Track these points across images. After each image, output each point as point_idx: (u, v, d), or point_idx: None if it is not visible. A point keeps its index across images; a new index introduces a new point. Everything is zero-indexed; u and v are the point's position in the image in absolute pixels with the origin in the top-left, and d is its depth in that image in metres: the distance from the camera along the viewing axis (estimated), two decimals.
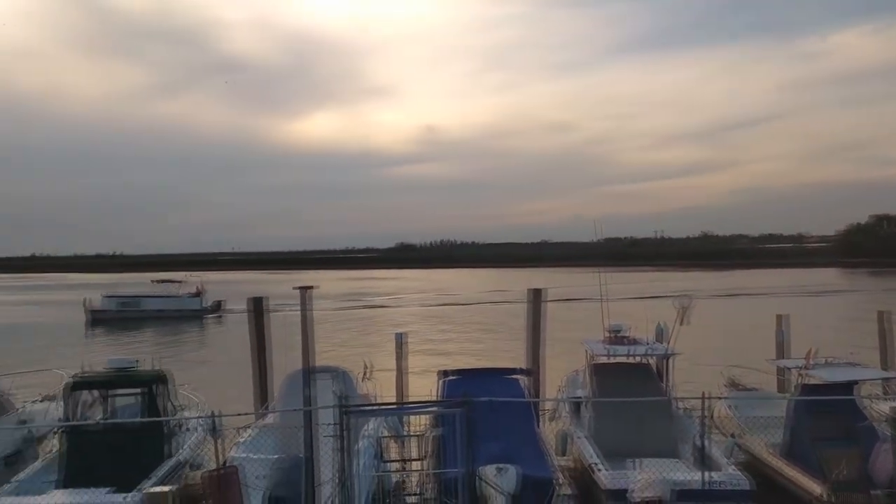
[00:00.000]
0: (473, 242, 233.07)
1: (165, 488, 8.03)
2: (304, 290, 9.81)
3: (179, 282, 58.48)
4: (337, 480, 9.43)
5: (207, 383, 16.85)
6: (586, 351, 14.77)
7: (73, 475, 11.46)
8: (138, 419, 12.09)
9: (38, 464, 12.27)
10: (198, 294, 57.81)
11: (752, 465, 12.44)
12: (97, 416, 12.83)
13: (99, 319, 51.69)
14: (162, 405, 12.74)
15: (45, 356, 27.24)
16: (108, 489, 10.68)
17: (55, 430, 12.95)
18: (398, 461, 13.02)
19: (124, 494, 10.40)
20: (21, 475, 11.67)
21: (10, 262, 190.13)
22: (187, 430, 13.30)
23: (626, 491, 10.18)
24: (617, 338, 14.66)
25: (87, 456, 11.59)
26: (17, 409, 14.26)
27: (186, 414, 14.01)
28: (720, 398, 14.36)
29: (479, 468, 9.82)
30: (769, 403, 14.28)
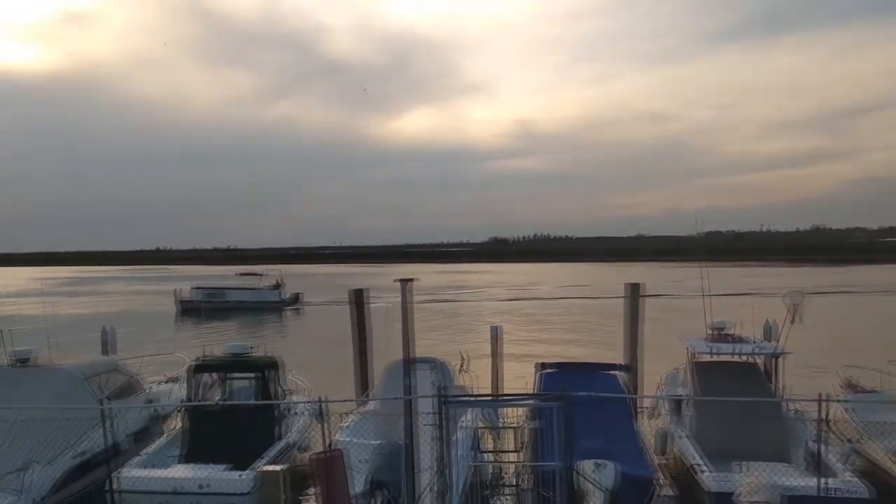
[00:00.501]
0: (567, 236, 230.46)
1: (277, 467, 8.50)
2: (405, 282, 10.08)
3: (260, 274, 61.27)
4: (436, 468, 9.67)
5: (301, 370, 17.50)
6: (687, 348, 14.41)
7: (194, 451, 12.34)
8: (253, 402, 12.83)
9: (163, 439, 13.23)
10: (277, 286, 60.54)
11: (872, 473, 11.75)
12: (216, 397, 13.73)
13: (187, 309, 54.87)
14: (273, 389, 13.47)
15: (146, 341, 28.87)
16: (225, 466, 11.44)
17: (179, 409, 13.96)
18: (494, 452, 13.18)
19: (240, 472, 11.11)
20: (149, 449, 12.64)
21: (137, 255, 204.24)
22: (295, 413, 13.99)
23: (731, 494, 9.85)
24: (721, 335, 14.23)
25: (207, 434, 12.43)
26: (145, 390, 15.36)
27: (295, 398, 14.71)
28: (839, 400, 13.58)
29: (577, 463, 9.81)
30: (893, 407, 13.42)
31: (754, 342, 13.92)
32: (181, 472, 11.36)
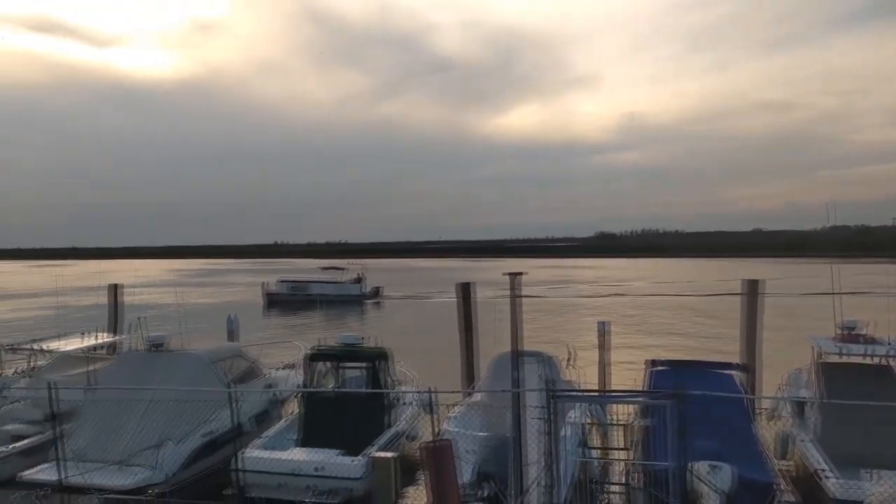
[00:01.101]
0: (677, 231, 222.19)
1: (389, 454, 8.74)
2: (514, 276, 10.07)
3: (343, 268, 63.27)
4: (543, 462, 9.64)
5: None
6: (813, 348, 13.62)
7: (309, 435, 12.91)
8: (365, 390, 13.27)
9: (281, 423, 13.92)
10: (358, 280, 62.17)
11: None
12: (330, 384, 14.30)
13: (273, 301, 57.56)
14: (383, 379, 13.87)
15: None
16: (338, 451, 11.90)
17: (296, 394, 14.64)
18: (602, 448, 12.96)
19: (352, 458, 11.55)
20: (269, 432, 13.34)
21: (258, 249, 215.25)
22: (404, 403, 14.34)
23: (859, 503, 9.31)
24: (851, 335, 13.34)
25: (322, 420, 12.97)
26: (265, 375, 16.20)
27: (404, 388, 15.07)
28: None
29: (692, 464, 9.50)
30: None
31: (890, 344, 12.97)
32: (298, 455, 11.94)
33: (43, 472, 11.36)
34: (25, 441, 13.38)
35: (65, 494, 9.08)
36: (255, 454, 11.69)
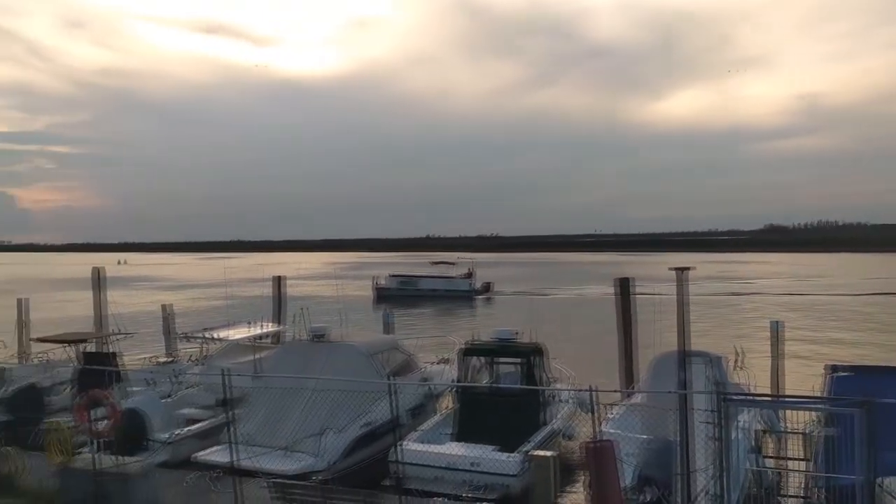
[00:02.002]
0: (859, 223, 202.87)
1: (548, 453, 8.39)
2: (681, 271, 9.37)
3: (453, 263, 63.43)
4: (711, 470, 8.91)
5: None
6: None
7: (464, 430, 12.81)
8: (521, 386, 12.95)
9: (437, 417, 13.94)
10: (469, 275, 61.80)
11: None
12: (484, 379, 14.14)
13: (382, 296, 57.94)
14: (538, 376, 13.48)
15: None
16: (493, 447, 11.70)
17: (451, 389, 14.62)
18: (777, 458, 11.91)
19: (508, 454, 11.29)
20: (424, 426, 13.39)
21: (408, 242, 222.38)
22: (560, 401, 13.88)
23: None
24: None
25: (476, 415, 12.83)
26: (421, 369, 16.35)
27: (558, 386, 14.60)
28: None
29: (881, 478, 8.50)
30: None
31: None
32: (454, 450, 11.86)
33: (215, 455, 12.05)
34: (199, 424, 14.29)
35: (236, 477, 9.52)
36: (412, 447, 11.73)
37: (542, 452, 8.68)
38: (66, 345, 16.90)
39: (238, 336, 17.45)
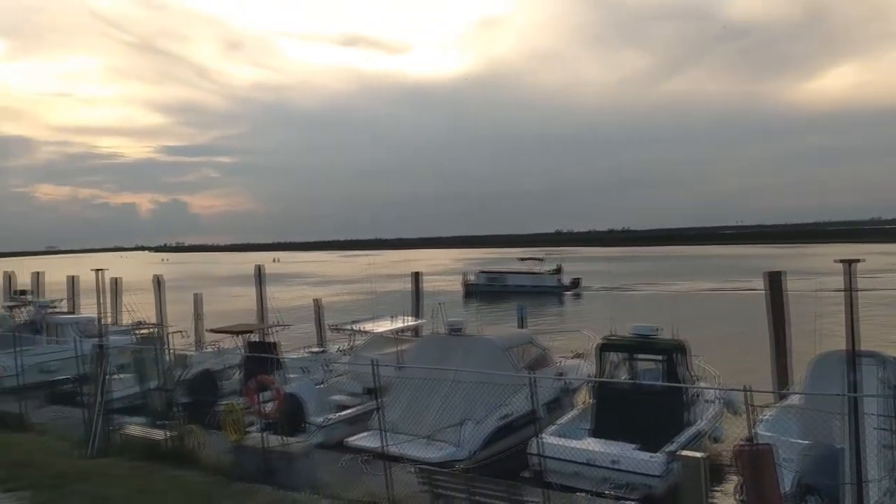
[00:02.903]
0: None
1: (698, 454, 8.12)
2: (849, 263, 8.79)
3: (541, 259, 63.13)
4: (886, 481, 8.35)
5: None
6: None
7: (602, 427, 12.71)
8: (664, 384, 12.67)
9: (574, 412, 13.93)
10: (557, 271, 61.16)
11: None
12: (622, 376, 13.95)
13: (471, 292, 59.76)
14: (681, 374, 13.12)
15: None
16: (634, 445, 11.55)
17: (588, 384, 14.57)
18: None
19: (651, 454, 11.11)
20: (561, 420, 13.42)
21: (538, 238, 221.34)
22: (705, 401, 13.44)
23: None
24: None
25: (615, 412, 12.68)
26: (556, 363, 16.40)
27: (702, 384, 14.13)
28: None
29: None
30: None
31: None
32: (594, 446, 11.83)
33: (365, 440, 12.77)
34: (349, 410, 15.17)
35: (385, 462, 10.06)
36: (551, 441, 11.81)
37: (691, 453, 8.41)
38: (234, 335, 18.52)
39: (381, 329, 18.32)
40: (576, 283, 61.19)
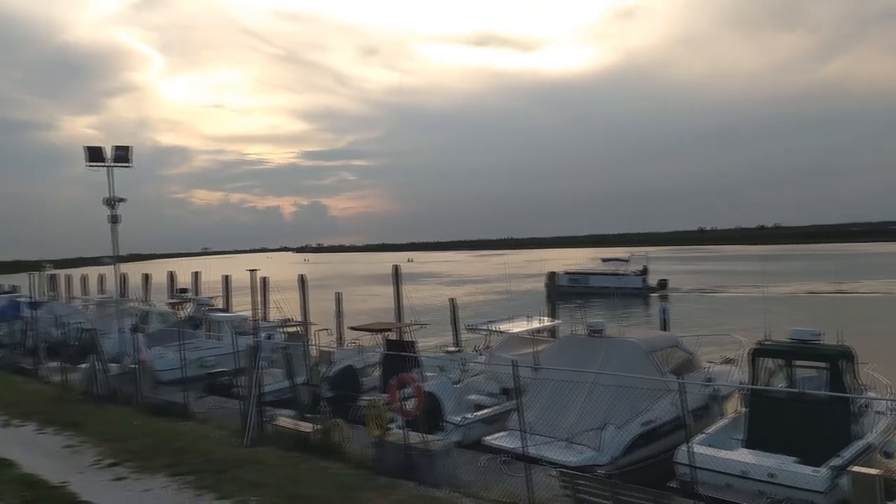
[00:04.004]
0: None
1: (873, 471, 7.39)
2: None
3: (626, 259, 61.65)
4: None
5: None
6: None
7: (756, 437, 11.87)
8: (827, 393, 11.67)
9: (724, 421, 13.11)
10: (643, 273, 59.57)
11: None
12: (779, 383, 12.97)
13: (551, 293, 55.48)
14: (847, 383, 12.02)
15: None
16: (794, 458, 10.71)
17: (740, 391, 13.70)
18: None
19: (813, 468, 10.25)
20: (710, 429, 12.66)
21: (679, 236, 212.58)
22: (876, 412, 12.25)
23: None
24: None
25: (771, 421, 11.82)
26: (704, 368, 15.57)
27: (871, 395, 12.90)
28: None
29: None
30: None
31: None
32: (748, 457, 11.10)
33: (503, 440, 12.71)
34: (486, 410, 15.18)
35: (524, 463, 9.95)
36: (700, 450, 11.19)
37: (865, 469, 7.64)
38: (373, 333, 19.16)
39: (517, 329, 18.20)
40: (663, 285, 59.73)
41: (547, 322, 20.44)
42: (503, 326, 18.40)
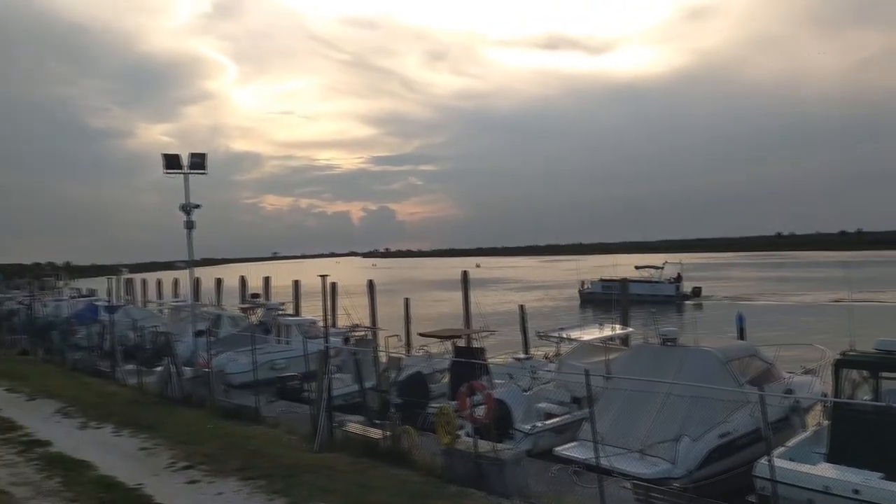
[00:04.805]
0: None
1: None
2: None
3: (660, 267, 61.52)
4: None
5: None
6: None
7: (839, 452, 11.28)
8: None
9: (806, 434, 12.56)
10: (677, 280, 59.10)
11: None
12: (864, 396, 12.34)
13: (586, 300, 60.21)
14: None
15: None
16: (879, 474, 10.16)
17: (823, 403, 13.09)
18: None
19: None
20: (790, 442, 12.14)
21: (756, 241, 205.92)
22: None
23: None
24: None
25: (855, 436, 11.24)
26: (783, 379, 14.94)
27: None
28: None
29: None
30: None
31: None
32: (830, 472, 10.60)
33: (575, 450, 12.48)
34: (557, 419, 14.96)
35: (597, 474, 9.74)
36: (780, 464, 10.71)
37: None
38: (442, 339, 19.16)
39: (589, 337, 17.89)
40: (697, 292, 59.16)
41: (619, 330, 20.03)
42: (574, 334, 18.13)
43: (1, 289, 66.41)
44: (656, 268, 62.75)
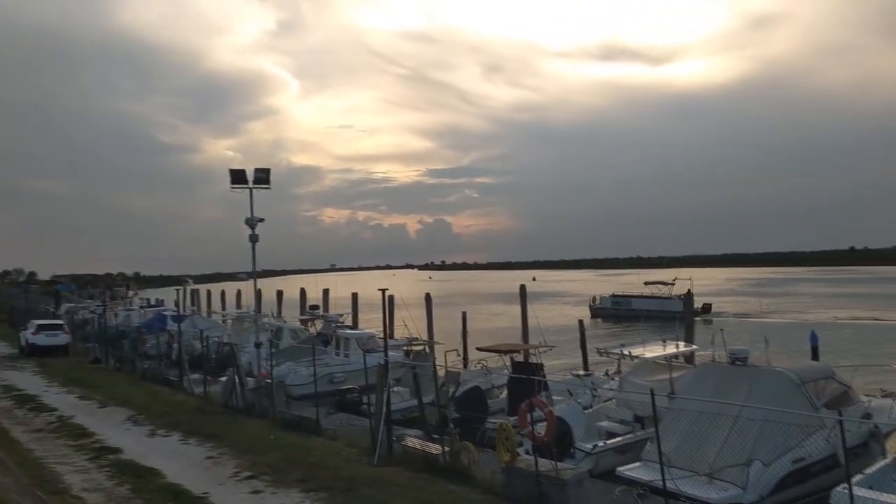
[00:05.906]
0: None
1: None
2: None
3: (670, 283, 60.74)
4: None
5: None
6: None
7: None
8: None
9: (885, 461, 11.90)
10: (687, 296, 53.76)
11: None
12: None
13: (596, 315, 61.73)
14: None
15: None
16: None
17: None
18: None
19: None
20: (869, 469, 11.51)
21: (827, 255, 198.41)
22: None
23: None
24: None
25: None
26: (861, 403, 14.22)
27: None
28: None
29: None
30: None
31: None
32: None
33: (639, 471, 12.10)
34: (619, 438, 14.55)
35: (663, 497, 9.40)
36: (859, 492, 10.17)
37: None
38: (500, 354, 18.96)
39: (651, 354, 17.39)
40: (706, 309, 57.60)
41: (683, 347, 19.42)
42: (636, 351, 17.65)
43: (75, 299, 69.21)
44: (665, 283, 62.22)
